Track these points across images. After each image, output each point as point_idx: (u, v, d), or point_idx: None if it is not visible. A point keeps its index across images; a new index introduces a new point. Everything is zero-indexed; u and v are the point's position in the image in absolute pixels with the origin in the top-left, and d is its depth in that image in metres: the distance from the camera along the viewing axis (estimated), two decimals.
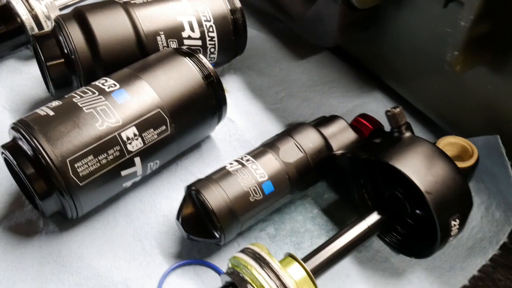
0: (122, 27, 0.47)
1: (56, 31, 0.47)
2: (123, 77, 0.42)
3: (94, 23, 0.47)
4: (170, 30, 0.49)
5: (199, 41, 0.50)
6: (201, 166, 0.47)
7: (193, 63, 0.45)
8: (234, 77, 0.56)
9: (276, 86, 0.55)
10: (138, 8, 0.49)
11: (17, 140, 0.38)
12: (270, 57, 0.58)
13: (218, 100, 0.45)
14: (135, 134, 0.39)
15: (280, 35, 0.61)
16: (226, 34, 0.52)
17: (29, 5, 0.53)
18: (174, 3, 0.50)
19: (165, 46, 0.49)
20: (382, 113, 0.52)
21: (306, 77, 0.56)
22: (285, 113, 0.53)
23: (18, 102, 0.51)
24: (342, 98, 0.54)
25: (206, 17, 0.50)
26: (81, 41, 0.46)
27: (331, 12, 0.47)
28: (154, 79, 0.42)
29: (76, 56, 0.46)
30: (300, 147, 0.42)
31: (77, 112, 0.38)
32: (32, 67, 0.55)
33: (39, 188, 0.37)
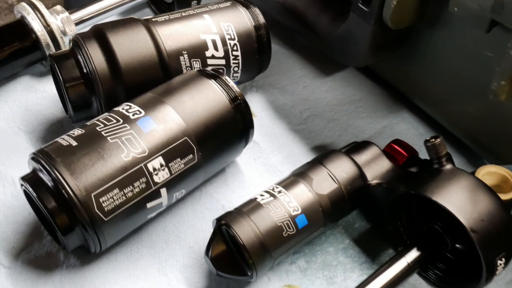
0: (144, 47, 0.45)
1: (74, 51, 0.45)
2: (147, 102, 0.40)
3: (115, 43, 0.45)
4: (194, 50, 0.47)
5: (222, 60, 0.48)
6: (226, 193, 0.45)
7: (219, 85, 0.43)
8: (257, 96, 0.54)
9: (300, 105, 0.53)
10: (160, 26, 0.47)
11: (38, 172, 0.36)
12: (293, 74, 0.56)
13: (245, 124, 0.43)
14: (161, 165, 0.37)
15: (303, 50, 0.58)
16: (250, 53, 0.50)
17: (44, 21, 0.51)
18: (197, 21, 0.48)
19: (188, 66, 0.47)
20: (411, 134, 0.51)
21: (331, 96, 0.54)
22: (310, 135, 0.50)
23: (34, 123, 0.49)
24: (370, 119, 0.52)
25: (230, 35, 0.48)
26: (101, 62, 0.44)
27: (362, 32, 0.45)
28: (180, 104, 0.40)
29: (97, 77, 0.44)
30: (334, 177, 0.40)
31: (101, 142, 0.36)
32: (47, 84, 0.53)
33: (62, 223, 0.35)
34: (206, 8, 0.49)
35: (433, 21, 0.44)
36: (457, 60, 0.44)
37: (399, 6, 0.41)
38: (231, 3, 0.51)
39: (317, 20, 0.51)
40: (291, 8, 0.53)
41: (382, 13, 0.42)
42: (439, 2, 0.42)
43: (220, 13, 0.49)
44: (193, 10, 0.49)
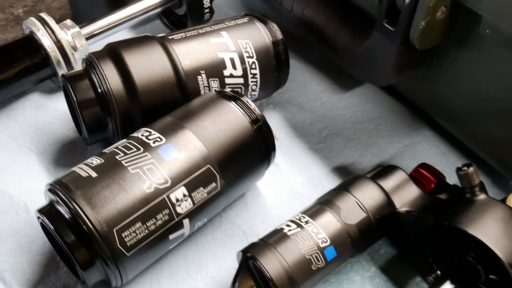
0: (161, 66, 0.44)
1: (88, 71, 0.44)
2: (167, 128, 0.38)
3: (130, 62, 0.43)
4: (211, 69, 0.45)
5: (241, 79, 0.47)
6: (247, 218, 0.43)
7: (240, 107, 0.41)
8: (274, 113, 0.52)
9: (318, 122, 0.52)
10: (177, 44, 0.45)
11: (55, 204, 0.35)
12: (310, 90, 0.55)
13: (267, 147, 0.42)
14: (184, 195, 0.36)
15: (319, 64, 0.57)
16: (269, 70, 0.48)
17: (54, 36, 0.49)
18: (214, 38, 0.46)
19: (205, 86, 0.45)
20: (434, 154, 0.50)
21: (349, 113, 0.53)
22: (330, 154, 0.49)
23: (45, 143, 0.47)
24: (391, 138, 0.50)
25: (249, 53, 0.47)
26: (117, 82, 0.42)
27: (386, 51, 0.43)
28: (201, 129, 0.38)
29: (112, 99, 0.42)
30: (362, 206, 0.38)
31: (122, 173, 0.35)
32: (58, 102, 0.51)
33: (82, 258, 0.34)
34: (223, 25, 0.48)
35: (460, 41, 0.42)
36: (484, 80, 0.43)
37: (427, 27, 0.40)
38: (248, 19, 0.49)
39: (337, 36, 0.49)
40: (309, 22, 0.52)
41: (409, 33, 0.41)
42: (468, 23, 0.41)
43: (237, 30, 0.47)
44: (209, 27, 0.47)
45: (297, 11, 0.53)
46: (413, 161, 0.49)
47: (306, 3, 0.52)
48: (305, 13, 0.52)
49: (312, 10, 0.51)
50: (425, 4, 0.38)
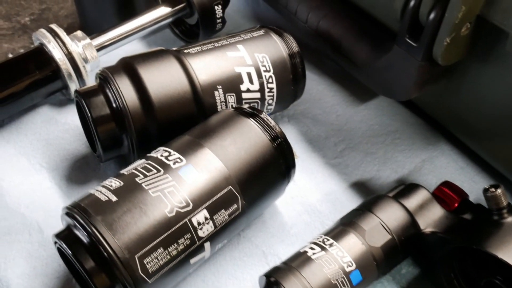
0: (177, 81, 0.43)
1: (103, 86, 0.42)
2: (186, 147, 0.37)
3: (146, 77, 0.42)
4: (228, 84, 0.44)
5: (257, 94, 0.46)
6: (265, 237, 0.42)
7: (259, 124, 0.40)
8: (289, 127, 0.51)
9: (334, 136, 0.51)
10: (193, 58, 0.44)
11: (73, 229, 0.33)
12: (325, 102, 0.54)
13: (288, 165, 0.41)
14: (206, 218, 0.35)
15: (333, 76, 0.56)
16: (286, 84, 0.47)
17: (66, 48, 0.48)
18: (231, 52, 0.45)
19: (222, 102, 0.44)
20: (452, 169, 0.49)
21: (365, 126, 0.52)
22: (347, 169, 0.48)
23: (57, 159, 0.46)
24: (408, 152, 0.50)
25: (266, 67, 0.46)
26: (133, 98, 0.41)
27: (407, 66, 0.43)
28: (221, 149, 0.37)
29: (128, 115, 0.41)
30: (387, 227, 0.37)
31: (142, 197, 0.34)
32: (69, 115, 0.50)
33: (102, 284, 0.32)
34: (239, 38, 0.47)
35: (483, 56, 0.42)
36: (506, 95, 0.42)
37: (451, 43, 0.39)
38: (264, 32, 0.48)
39: (354, 49, 0.48)
40: (325, 34, 0.51)
41: (432, 49, 0.40)
42: (492, 39, 0.40)
43: (254, 43, 0.46)
44: (225, 40, 0.46)
45: (313, 22, 0.52)
46: (431, 176, 0.48)
47: (322, 15, 0.51)
48: (320, 24, 0.51)
49: (328, 22, 0.50)
50: (450, 20, 0.37)
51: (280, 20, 0.58)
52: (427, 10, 0.39)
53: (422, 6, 0.39)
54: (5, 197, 0.43)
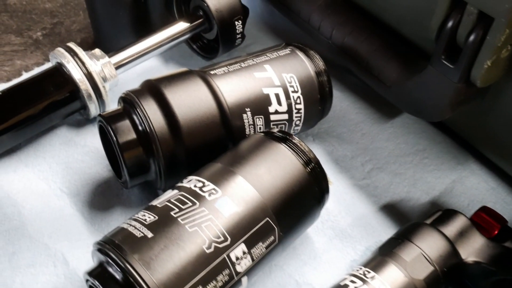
0: (205, 105, 0.41)
1: (128, 110, 0.41)
2: (220, 177, 0.36)
3: (173, 100, 0.40)
4: (257, 106, 0.43)
5: (285, 115, 0.44)
6: (297, 265, 0.41)
7: (291, 149, 0.39)
8: (315, 147, 0.50)
9: (360, 156, 0.50)
10: (220, 80, 0.43)
11: (107, 266, 0.32)
12: (349, 120, 0.52)
13: (322, 191, 0.39)
14: (244, 252, 0.33)
15: (357, 92, 0.55)
16: (313, 104, 0.46)
17: (85, 68, 0.47)
18: (259, 73, 0.44)
19: (251, 124, 0.43)
20: (483, 189, 0.48)
21: (392, 145, 0.50)
22: (376, 191, 0.47)
23: (77, 184, 0.45)
24: (438, 172, 0.48)
25: (294, 88, 0.44)
26: (160, 122, 0.40)
27: (442, 87, 0.41)
28: (257, 178, 0.36)
29: (156, 139, 0.39)
30: (429, 258, 0.36)
31: (179, 232, 0.32)
32: (87, 137, 0.48)
33: None
34: (266, 57, 0.45)
35: None
36: None
37: (492, 66, 0.38)
38: (290, 50, 0.47)
39: (383, 67, 0.47)
40: (351, 51, 0.49)
41: (470, 71, 0.39)
42: None
43: (281, 62, 0.45)
44: (252, 60, 0.45)
45: (337, 39, 0.50)
46: (463, 198, 0.47)
47: (348, 31, 0.49)
48: (346, 41, 0.50)
49: (354, 39, 0.49)
50: (492, 43, 0.36)
51: (298, 33, 0.57)
52: (466, 31, 0.38)
53: (461, 28, 0.38)
54: (27, 226, 0.41)
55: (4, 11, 0.62)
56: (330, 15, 0.51)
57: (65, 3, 0.64)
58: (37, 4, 0.63)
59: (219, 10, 0.52)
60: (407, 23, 0.46)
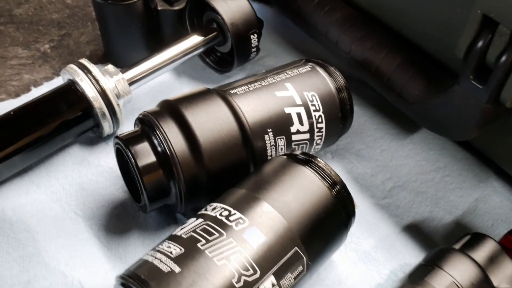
0: (226, 126, 0.40)
1: (147, 132, 0.40)
2: (245, 204, 0.34)
3: (193, 121, 0.39)
4: (278, 126, 0.42)
5: (307, 135, 0.43)
6: None
7: (315, 172, 0.38)
8: (334, 164, 0.49)
9: (380, 173, 0.48)
10: (241, 99, 0.41)
11: None
12: (368, 136, 0.51)
13: (348, 215, 0.38)
14: (273, 284, 0.32)
15: (374, 107, 0.53)
16: (334, 122, 0.45)
17: (98, 85, 0.45)
18: (280, 92, 0.42)
19: (272, 145, 0.41)
20: (507, 208, 0.47)
21: (412, 162, 0.49)
22: (398, 211, 0.46)
23: (92, 206, 0.43)
24: (460, 191, 0.47)
25: (315, 106, 0.43)
26: (181, 144, 0.39)
27: (469, 107, 0.40)
28: (284, 205, 0.35)
29: (177, 163, 0.38)
30: (461, 286, 0.35)
31: (207, 266, 0.31)
32: (101, 156, 0.47)
33: None
34: (286, 75, 0.44)
35: None
36: None
37: None
38: (310, 67, 0.45)
39: (405, 84, 0.46)
40: (371, 67, 0.48)
41: (500, 92, 0.38)
42: None
43: (302, 80, 0.44)
44: (272, 78, 0.44)
45: (357, 54, 0.49)
46: (487, 218, 0.46)
47: (368, 47, 0.48)
48: (366, 56, 0.48)
49: (375, 54, 0.48)
50: None
51: (313, 44, 0.56)
52: (497, 52, 0.36)
53: (491, 48, 0.37)
54: (42, 252, 0.40)
55: (10, 22, 0.61)
56: (349, 29, 0.50)
57: (72, 14, 0.62)
58: (43, 14, 0.62)
59: (235, 24, 0.51)
60: (431, 40, 0.45)
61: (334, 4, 0.52)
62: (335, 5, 0.52)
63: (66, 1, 0.64)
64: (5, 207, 0.43)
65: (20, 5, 0.63)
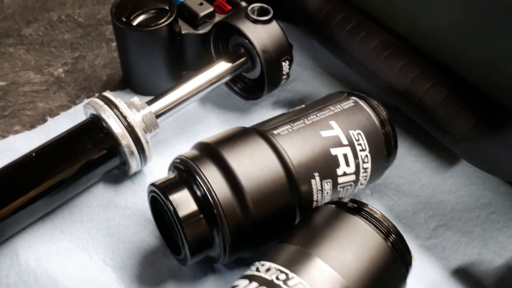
0: (272, 170, 0.37)
1: (185, 178, 0.36)
2: (301, 265, 0.31)
3: (237, 167, 0.36)
4: (325, 169, 0.39)
5: (352, 176, 0.40)
6: None
7: (367, 221, 0.35)
8: (374, 202, 0.46)
9: (423, 211, 0.46)
10: (285, 141, 0.38)
11: None
12: (406, 169, 0.49)
13: (406, 265, 0.35)
14: None
15: (412, 136, 0.51)
16: (379, 160, 0.42)
17: (125, 120, 0.42)
18: (325, 131, 0.40)
19: (319, 190, 0.39)
20: None
21: (455, 198, 0.47)
22: (445, 253, 0.43)
23: (122, 254, 0.40)
24: (508, 231, 0.45)
25: (362, 146, 0.40)
26: (224, 192, 0.36)
27: None
28: (342, 264, 0.32)
29: (221, 212, 0.35)
30: None
31: None
32: (128, 196, 0.44)
33: None
34: (330, 111, 0.41)
35: None
36: None
37: None
38: (354, 102, 0.42)
39: (452, 119, 0.43)
40: (414, 99, 0.45)
41: None
42: None
43: (347, 118, 0.41)
44: (315, 115, 0.41)
45: (398, 85, 0.46)
46: None
47: (410, 77, 0.46)
48: (408, 88, 0.46)
49: (418, 86, 0.45)
50: None
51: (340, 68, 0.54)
52: None
53: None
54: None
55: (20, 43, 0.57)
56: (388, 58, 0.47)
57: (85, 34, 0.59)
58: (55, 34, 0.58)
59: (266, 51, 0.47)
60: (482, 73, 0.42)
61: (371, 30, 0.49)
62: (371, 30, 0.49)
63: (78, 20, 0.60)
64: (28, 257, 0.39)
65: (29, 24, 0.59)
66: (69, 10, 0.61)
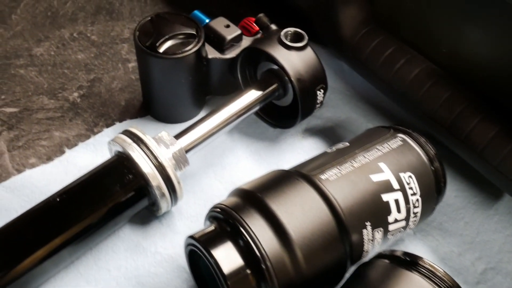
0: (322, 221, 0.34)
1: (226, 229, 0.33)
2: None
3: (285, 218, 0.33)
4: (377, 218, 0.36)
5: (403, 222, 0.37)
6: None
7: (424, 277, 0.32)
8: (418, 243, 0.43)
9: (468, 252, 0.43)
10: (334, 187, 0.35)
11: None
12: (449, 205, 0.46)
13: None
14: None
15: (451, 166, 0.47)
16: (430, 203, 0.39)
17: (154, 158, 0.39)
18: (375, 175, 0.37)
19: (370, 240, 0.36)
20: None
21: (501, 238, 0.44)
22: None
23: None
24: None
25: (413, 189, 0.37)
26: (272, 243, 0.32)
27: None
28: None
29: (269, 266, 0.32)
30: None
31: None
32: (157, 240, 0.40)
33: None
34: (378, 151, 0.38)
35: None
36: None
37: None
38: (402, 140, 0.40)
39: (505, 157, 0.40)
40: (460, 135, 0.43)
41: None
42: None
43: (396, 159, 0.38)
44: (363, 156, 0.38)
45: (443, 118, 0.43)
46: None
47: (457, 110, 0.43)
48: (454, 121, 0.43)
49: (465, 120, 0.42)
50: None
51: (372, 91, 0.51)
52: None
53: None
54: None
55: (31, 64, 0.53)
56: (432, 88, 0.44)
57: (100, 53, 0.55)
58: (67, 54, 0.54)
59: (302, 80, 0.44)
60: None
61: (411, 57, 0.46)
62: (412, 58, 0.46)
63: (91, 38, 0.57)
64: None
65: (40, 43, 0.55)
66: (81, 27, 0.58)
